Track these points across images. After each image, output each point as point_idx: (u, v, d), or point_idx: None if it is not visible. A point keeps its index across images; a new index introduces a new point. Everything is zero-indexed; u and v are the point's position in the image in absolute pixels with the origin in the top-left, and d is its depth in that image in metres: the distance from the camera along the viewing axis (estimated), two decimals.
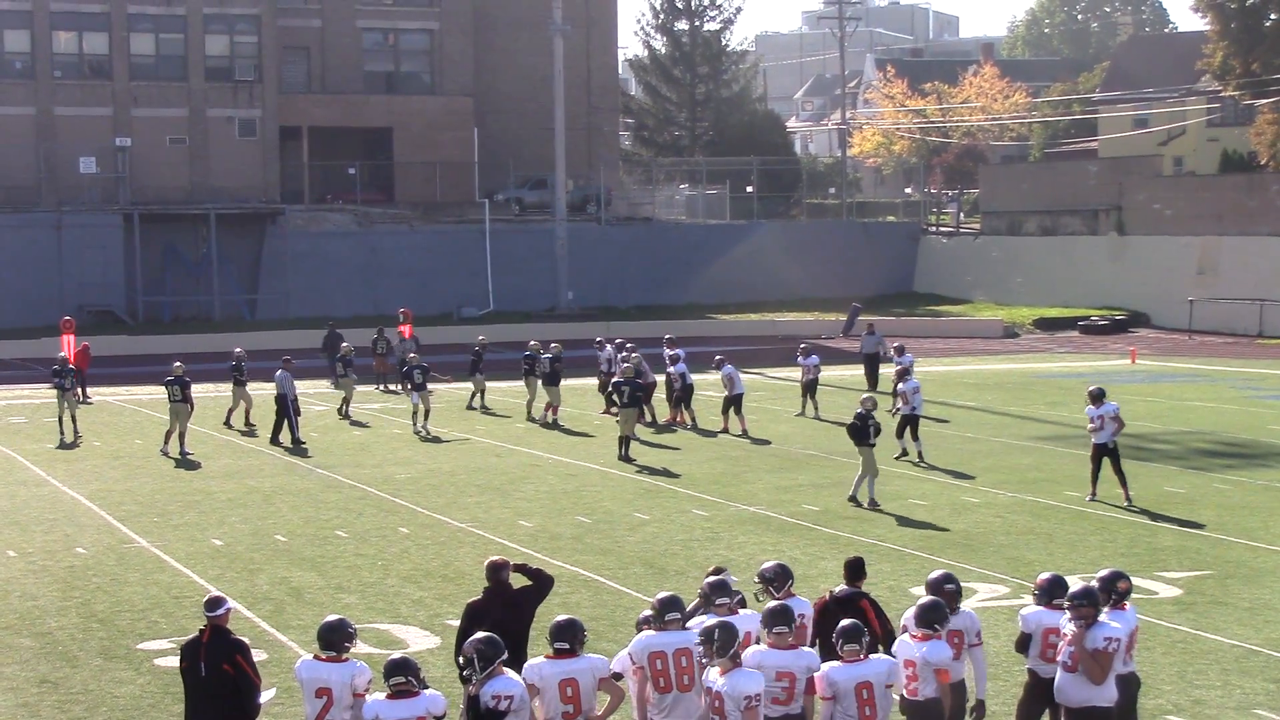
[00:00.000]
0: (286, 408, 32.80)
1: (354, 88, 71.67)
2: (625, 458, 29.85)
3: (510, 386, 40.16)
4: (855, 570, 12.76)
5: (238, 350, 37.21)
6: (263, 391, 35.92)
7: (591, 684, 11.01)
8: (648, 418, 34.81)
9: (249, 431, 34.76)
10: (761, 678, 10.67)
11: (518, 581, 12.87)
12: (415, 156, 70.33)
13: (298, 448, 32.14)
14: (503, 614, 12.37)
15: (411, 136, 70.59)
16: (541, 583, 12.93)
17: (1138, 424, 34.45)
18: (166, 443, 31.56)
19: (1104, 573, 12.33)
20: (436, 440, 33.33)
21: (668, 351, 36.33)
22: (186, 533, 23.16)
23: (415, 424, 34.73)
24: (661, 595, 11.70)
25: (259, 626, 17.29)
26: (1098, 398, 25.15)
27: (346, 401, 37.49)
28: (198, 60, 65.98)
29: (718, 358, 35.22)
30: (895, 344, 42.98)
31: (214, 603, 11.81)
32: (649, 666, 11.20)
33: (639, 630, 11.61)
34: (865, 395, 26.91)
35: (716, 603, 11.69)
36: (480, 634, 10.96)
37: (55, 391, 34.33)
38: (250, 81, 66.42)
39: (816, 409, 36.32)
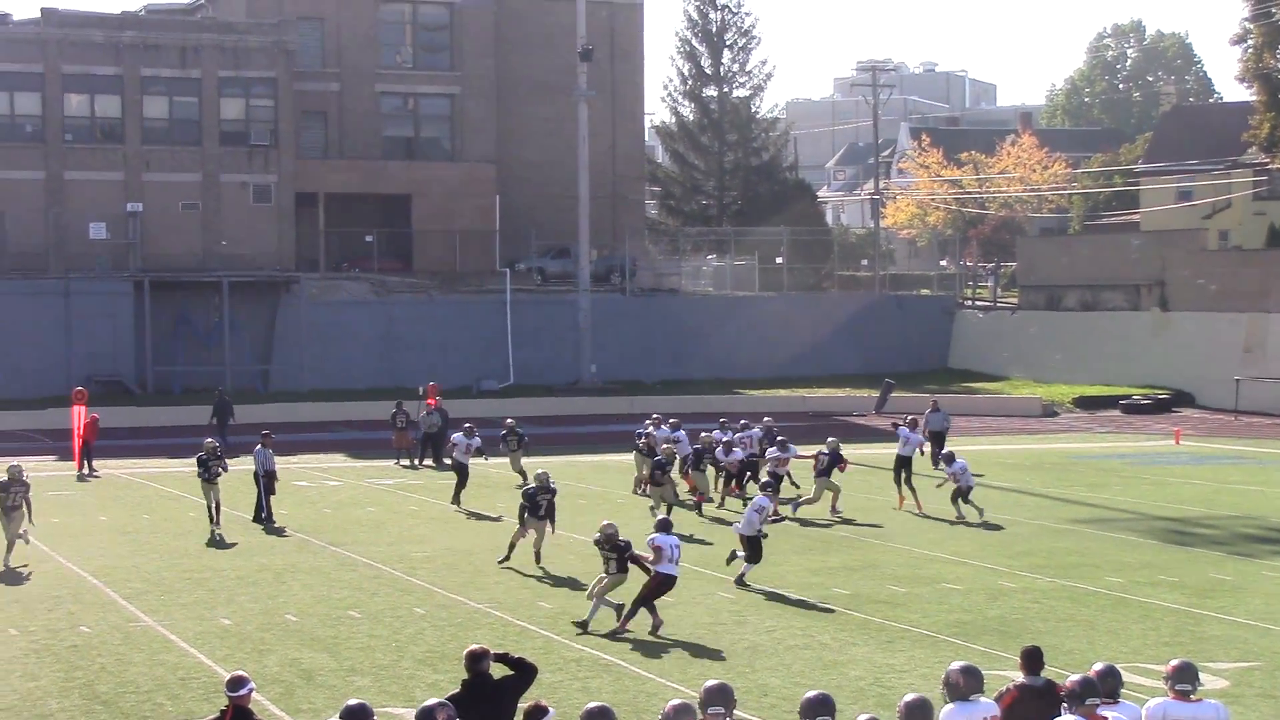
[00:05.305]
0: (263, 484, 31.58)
1: (372, 153, 70.24)
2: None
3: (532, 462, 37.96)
4: (1035, 659, 12.60)
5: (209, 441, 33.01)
6: (244, 468, 34.30)
7: None
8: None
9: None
10: None
11: (499, 671, 12.49)
12: (434, 224, 68.84)
13: (270, 527, 30.96)
14: (484, 706, 12.01)
15: (431, 204, 69.13)
16: (524, 672, 12.60)
17: (1182, 507, 34.14)
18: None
19: (1098, 666, 12.03)
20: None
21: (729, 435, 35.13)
22: (194, 611, 22.64)
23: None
24: (709, 684, 10.67)
25: (268, 709, 16.66)
26: (949, 459, 32.13)
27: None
28: (212, 124, 64.67)
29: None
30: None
31: (236, 682, 11.72)
32: None
33: None
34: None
35: (710, 711, 10.50)
36: (592, 704, 10.51)
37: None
38: (266, 146, 65.13)
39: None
